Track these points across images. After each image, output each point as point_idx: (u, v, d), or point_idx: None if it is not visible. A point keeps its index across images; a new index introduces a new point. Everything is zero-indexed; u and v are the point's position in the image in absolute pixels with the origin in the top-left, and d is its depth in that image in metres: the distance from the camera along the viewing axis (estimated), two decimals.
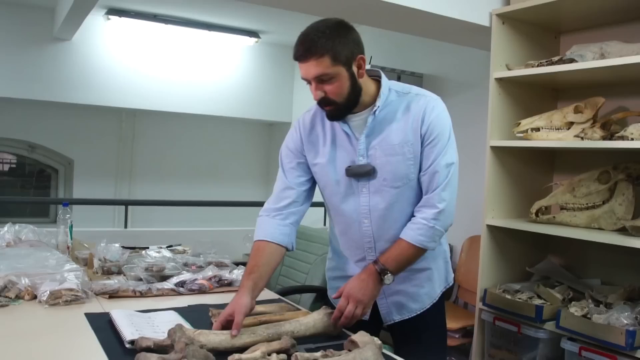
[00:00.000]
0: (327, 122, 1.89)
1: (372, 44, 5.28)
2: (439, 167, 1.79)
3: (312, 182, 1.99)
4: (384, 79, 1.87)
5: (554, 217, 2.76)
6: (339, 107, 1.77)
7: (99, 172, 6.11)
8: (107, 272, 2.57)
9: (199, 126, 6.58)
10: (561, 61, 2.69)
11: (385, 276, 1.77)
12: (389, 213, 1.85)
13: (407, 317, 1.99)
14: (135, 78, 5.57)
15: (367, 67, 1.79)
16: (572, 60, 2.66)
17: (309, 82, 1.75)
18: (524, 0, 2.85)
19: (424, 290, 1.99)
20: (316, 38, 1.68)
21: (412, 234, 1.79)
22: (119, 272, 2.55)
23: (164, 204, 5.12)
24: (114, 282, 2.25)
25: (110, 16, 5.13)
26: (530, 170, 3.08)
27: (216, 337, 1.51)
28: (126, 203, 4.39)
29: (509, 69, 2.92)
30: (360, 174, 1.84)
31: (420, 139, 1.80)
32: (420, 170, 1.82)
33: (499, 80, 2.93)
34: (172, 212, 5.74)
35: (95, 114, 6.00)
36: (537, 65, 2.78)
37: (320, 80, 1.71)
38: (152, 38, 5.64)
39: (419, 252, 1.82)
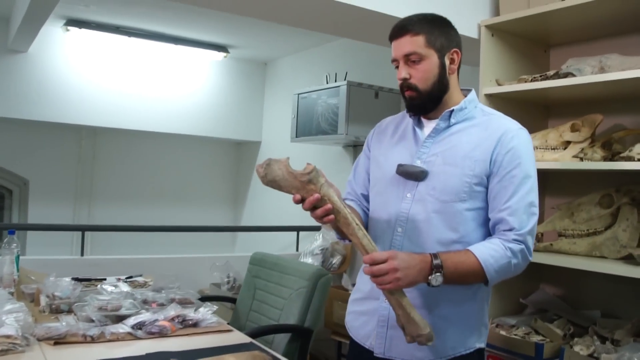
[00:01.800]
0: (403, 124, 1.86)
1: (348, 58, 5.18)
2: (522, 204, 1.64)
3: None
4: (473, 93, 1.81)
5: (551, 244, 2.57)
6: (421, 96, 1.71)
7: (57, 193, 5.81)
8: (56, 311, 2.34)
9: (164, 145, 6.36)
10: (557, 76, 2.52)
11: (435, 274, 1.55)
12: (427, 228, 1.70)
13: None
14: (96, 94, 5.34)
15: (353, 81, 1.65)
16: (568, 75, 2.48)
17: (397, 66, 1.72)
18: (514, 10, 2.71)
19: (447, 337, 1.72)
20: (416, 19, 1.70)
21: (483, 250, 1.60)
22: (70, 311, 2.30)
23: (123, 229, 4.86)
24: (61, 324, 2.01)
25: (69, 27, 4.90)
26: None
27: None
28: (83, 229, 4.06)
29: (499, 84, 2.75)
30: (410, 174, 1.73)
31: (489, 160, 1.66)
32: (487, 204, 1.68)
33: (489, 97, 2.75)
34: (135, 236, 5.45)
35: (53, 131, 5.73)
36: (531, 80, 2.60)
37: (408, 59, 1.69)
38: (115, 51, 5.44)
39: (478, 275, 1.61)
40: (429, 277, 1.55)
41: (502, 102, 2.76)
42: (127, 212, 6.01)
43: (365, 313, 1.82)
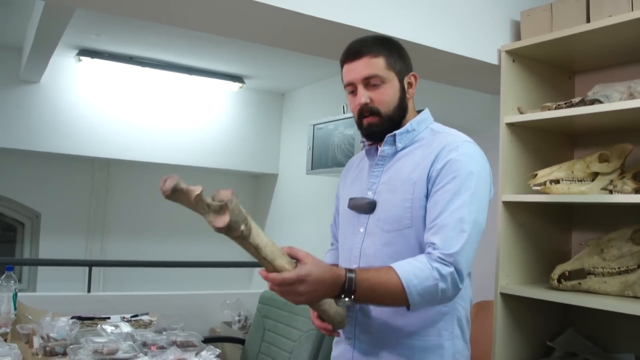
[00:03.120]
0: (364, 160, 1.77)
1: None
2: (449, 220, 1.45)
3: None
4: (424, 114, 1.72)
5: (579, 283, 2.39)
6: (382, 121, 1.62)
7: (69, 227, 5.70)
8: (50, 354, 2.22)
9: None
10: (583, 103, 2.38)
11: (344, 298, 1.38)
12: (377, 263, 1.56)
13: None
14: (109, 125, 5.25)
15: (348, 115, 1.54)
16: (595, 102, 2.34)
17: (352, 90, 1.65)
18: (536, 34, 2.59)
19: None
20: (373, 40, 1.65)
21: (405, 266, 1.41)
22: (64, 354, 2.17)
23: (131, 264, 4.74)
24: None
25: (81, 57, 4.82)
26: (547, 228, 2.74)
27: None
28: (90, 264, 3.95)
29: (521, 113, 2.61)
30: (359, 206, 1.66)
31: (426, 179, 1.52)
32: (424, 223, 1.51)
33: (511, 126, 2.61)
34: (147, 271, 5.31)
35: (66, 163, 5.63)
36: (555, 108, 2.45)
37: (368, 83, 1.61)
38: (128, 82, 5.35)
39: (399, 298, 1.40)
40: (337, 299, 1.40)
41: (525, 132, 2.66)
42: (140, 245, 5.89)
43: (336, 358, 1.72)
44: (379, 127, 1.63)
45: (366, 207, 1.63)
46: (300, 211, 5.54)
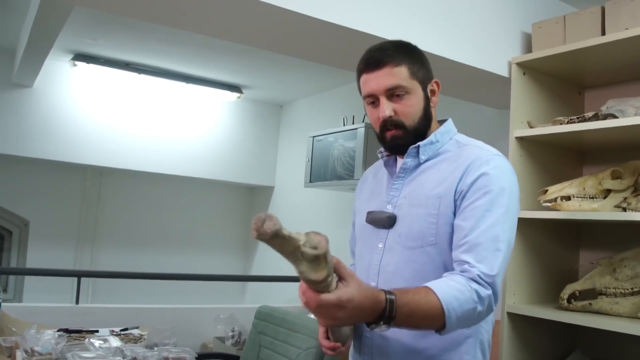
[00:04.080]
0: (382, 169, 1.68)
1: (357, 96, 5.02)
2: (483, 238, 1.37)
3: None
4: (448, 124, 1.63)
5: (590, 303, 2.31)
6: (407, 134, 1.53)
7: (58, 236, 5.56)
8: None
9: (173, 188, 6.14)
10: (596, 117, 2.32)
11: (382, 324, 1.25)
12: (396, 280, 1.47)
13: None
14: (103, 132, 5.14)
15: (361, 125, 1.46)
16: (608, 117, 2.27)
17: (374, 101, 1.54)
18: (549, 47, 2.53)
19: None
20: (393, 47, 1.54)
21: (445, 288, 1.30)
22: None
23: (121, 276, 4.60)
24: None
25: (77, 62, 4.73)
26: (555, 246, 2.67)
27: None
28: (79, 274, 3.82)
29: (531, 127, 2.55)
30: (378, 221, 1.57)
31: (454, 193, 1.44)
32: (450, 241, 1.43)
33: (520, 140, 2.55)
34: (137, 283, 5.17)
35: (57, 170, 5.51)
36: (568, 122, 2.38)
37: (391, 94, 1.51)
38: (124, 88, 5.26)
39: (436, 322, 1.30)
40: (373, 326, 1.26)
41: (534, 147, 2.59)
42: (131, 257, 5.77)
43: None
44: (404, 139, 1.54)
45: (385, 222, 1.54)
46: (298, 225, 5.36)
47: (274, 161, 6.14)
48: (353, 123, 4.23)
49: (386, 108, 1.50)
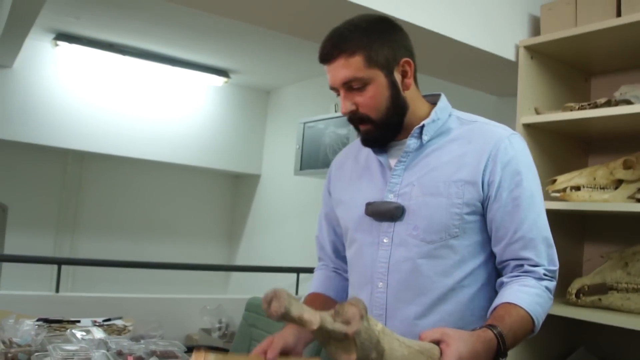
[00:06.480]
0: (362, 154, 1.55)
1: None
2: (535, 232, 1.35)
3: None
4: (443, 100, 1.48)
5: (599, 299, 2.22)
6: (377, 126, 1.39)
7: (37, 222, 5.44)
8: None
9: (156, 175, 6.04)
10: (608, 103, 2.23)
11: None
12: (415, 279, 1.37)
13: None
14: (85, 115, 5.02)
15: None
16: (620, 103, 2.19)
17: (338, 94, 1.41)
18: (559, 29, 2.43)
19: None
20: (348, 32, 1.37)
21: (527, 298, 1.27)
22: None
23: (104, 264, 4.50)
24: None
25: (59, 42, 4.59)
26: (560, 239, 2.52)
27: None
28: (59, 262, 3.69)
29: (538, 113, 2.45)
30: (383, 213, 1.41)
31: (480, 180, 1.33)
32: (487, 235, 1.37)
33: (527, 127, 2.45)
34: (119, 272, 5.08)
35: (37, 154, 5.38)
36: (579, 109, 2.28)
37: (349, 87, 1.37)
38: (107, 70, 5.14)
39: (529, 333, 1.29)
40: None
41: (541, 134, 2.49)
42: (113, 245, 5.66)
43: None
44: (376, 134, 1.42)
45: (394, 213, 1.39)
46: (285, 214, 5.37)
47: (260, 149, 6.07)
48: None
49: (346, 103, 1.39)
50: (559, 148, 2.57)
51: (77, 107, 4.99)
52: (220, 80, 5.43)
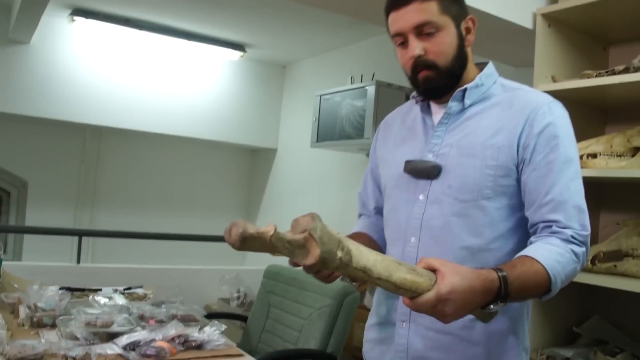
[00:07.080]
0: (410, 116, 1.58)
1: (374, 60, 4.78)
2: (567, 195, 1.34)
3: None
4: (490, 67, 1.50)
5: (615, 265, 2.22)
6: (440, 74, 1.41)
7: (57, 197, 5.49)
8: (38, 325, 2.05)
9: (174, 149, 6.07)
10: (627, 70, 2.21)
11: (500, 303, 1.17)
12: (445, 235, 1.40)
13: None
14: (102, 91, 5.04)
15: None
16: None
17: (402, 41, 1.42)
18: None
19: None
20: None
21: (546, 254, 1.26)
22: (53, 325, 1.99)
23: (124, 235, 4.53)
24: (39, 342, 1.69)
25: (75, 17, 4.60)
26: None
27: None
28: (80, 233, 3.74)
29: (555, 81, 2.43)
30: (420, 171, 1.45)
31: (516, 144, 1.35)
32: (519, 200, 1.38)
33: None
34: (138, 245, 5.15)
35: (55, 129, 5.41)
36: (596, 76, 2.27)
37: (420, 32, 1.38)
38: (124, 45, 5.15)
39: (541, 290, 1.27)
40: (486, 308, 1.18)
41: None
42: (131, 218, 5.71)
43: (381, 341, 1.52)
44: (437, 81, 1.42)
45: (430, 172, 1.42)
46: (302, 187, 5.37)
47: (277, 123, 6.07)
48: (362, 82, 4.12)
49: (416, 47, 1.39)
50: (576, 116, 2.48)
51: (95, 82, 5.00)
52: (236, 54, 5.42)
